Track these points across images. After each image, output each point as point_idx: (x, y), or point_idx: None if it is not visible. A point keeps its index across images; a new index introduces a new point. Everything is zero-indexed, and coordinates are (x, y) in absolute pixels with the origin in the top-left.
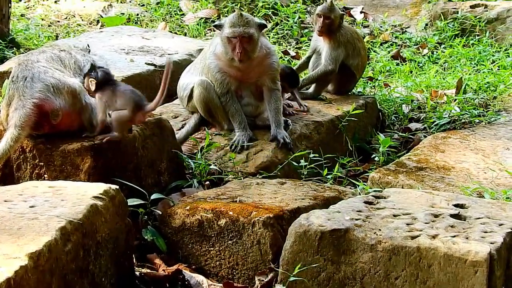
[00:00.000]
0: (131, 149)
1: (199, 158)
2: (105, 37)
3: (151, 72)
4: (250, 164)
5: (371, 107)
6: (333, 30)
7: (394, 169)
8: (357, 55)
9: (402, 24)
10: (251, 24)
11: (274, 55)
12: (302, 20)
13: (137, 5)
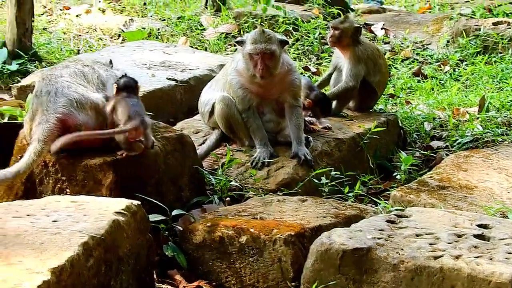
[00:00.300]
0: (153, 165)
1: (220, 174)
2: (127, 51)
3: (172, 87)
4: (271, 180)
5: (392, 125)
6: (345, 42)
7: (416, 187)
8: (378, 71)
9: (424, 41)
10: (273, 40)
11: (295, 71)
12: (323, 36)
13: (158, 20)
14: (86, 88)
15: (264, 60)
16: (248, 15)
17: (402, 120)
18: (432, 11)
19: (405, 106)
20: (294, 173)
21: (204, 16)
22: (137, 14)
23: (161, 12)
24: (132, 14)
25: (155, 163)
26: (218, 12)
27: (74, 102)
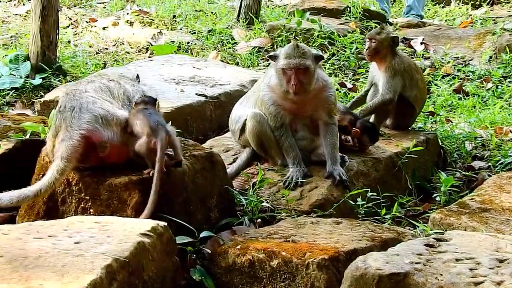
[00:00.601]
0: (180, 184)
1: (250, 194)
2: (155, 66)
3: (202, 103)
4: (304, 201)
5: (432, 144)
6: (383, 54)
7: (457, 210)
8: (415, 86)
9: (465, 56)
10: (307, 55)
11: (331, 87)
12: (360, 50)
13: (187, 33)
14: (112, 104)
15: (298, 75)
16: (282, 28)
17: (442, 139)
18: (474, 26)
19: (445, 124)
20: (329, 194)
21: (236, 29)
22: (166, 27)
23: (191, 25)
24: (161, 27)
25: (182, 182)
26: (251, 26)
27: (99, 118)
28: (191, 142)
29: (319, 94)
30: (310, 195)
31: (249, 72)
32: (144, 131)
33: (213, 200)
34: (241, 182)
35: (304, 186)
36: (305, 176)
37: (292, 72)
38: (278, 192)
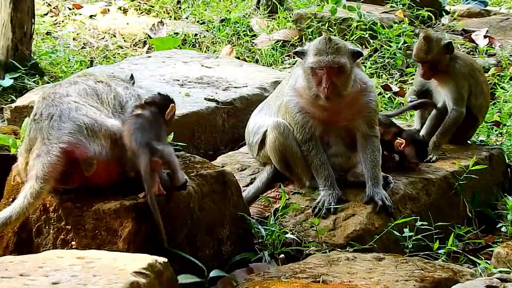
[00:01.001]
0: (185, 211)
1: (272, 223)
2: (154, 63)
3: (212, 110)
4: (338, 232)
5: (496, 161)
6: (442, 69)
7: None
8: (480, 92)
9: None
10: (342, 51)
11: (371, 91)
12: (409, 45)
13: (195, 23)
14: (100, 112)
15: (330, 76)
16: (312, 18)
17: (509, 156)
18: None
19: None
20: (369, 223)
21: (255, 18)
22: (168, 15)
23: (200, 13)
24: (161, 16)
25: (187, 209)
26: (274, 14)
27: (83, 128)
28: (198, 158)
29: (357, 99)
30: (345, 225)
31: (271, 71)
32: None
33: (225, 231)
34: (260, 208)
35: (339, 213)
36: (339, 201)
37: (324, 72)
38: (306, 221)
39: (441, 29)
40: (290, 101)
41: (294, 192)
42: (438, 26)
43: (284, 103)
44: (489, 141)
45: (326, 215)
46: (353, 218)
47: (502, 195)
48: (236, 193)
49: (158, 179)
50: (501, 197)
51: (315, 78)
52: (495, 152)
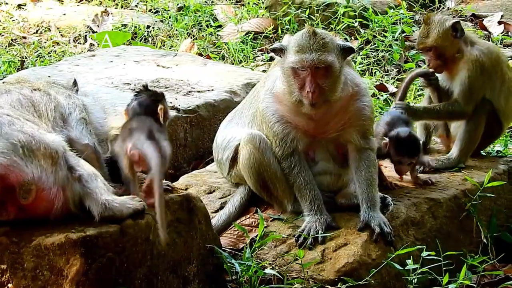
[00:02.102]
0: (143, 245)
1: (248, 257)
2: (100, 63)
3: (172, 120)
4: (327, 266)
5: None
6: (451, 57)
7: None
8: (509, 91)
9: None
10: (329, 47)
11: (365, 95)
12: (408, 35)
13: (147, 12)
14: (38, 126)
15: (315, 78)
16: (290, 3)
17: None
18: None
19: None
20: (364, 254)
21: (220, 5)
22: (113, 3)
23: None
24: (106, 3)
25: (146, 242)
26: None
27: (19, 147)
28: None
29: (348, 105)
30: (336, 257)
31: (241, 71)
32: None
33: (192, 267)
34: (233, 238)
35: (327, 243)
36: (328, 228)
37: (308, 72)
38: (288, 252)
39: (446, 14)
40: (268, 109)
41: (273, 218)
42: (443, 10)
43: (260, 111)
44: (506, 151)
45: (312, 245)
46: (345, 248)
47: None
48: (204, 221)
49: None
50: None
51: (298, 80)
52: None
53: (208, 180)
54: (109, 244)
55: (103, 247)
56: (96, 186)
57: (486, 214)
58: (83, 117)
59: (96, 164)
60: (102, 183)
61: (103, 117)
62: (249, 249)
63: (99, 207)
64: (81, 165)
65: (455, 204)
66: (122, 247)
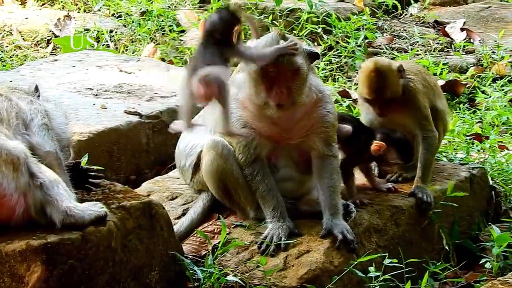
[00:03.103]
0: (105, 252)
1: (210, 263)
2: (62, 68)
3: (134, 126)
4: (290, 273)
5: (479, 183)
6: (399, 98)
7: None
8: (439, 92)
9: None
10: (298, 51)
11: (328, 101)
12: (371, 41)
13: (109, 17)
14: None
15: (283, 79)
16: (253, 9)
17: (493, 176)
18: None
19: (498, 153)
20: (327, 261)
21: (183, 10)
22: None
23: (115, 4)
24: (68, 7)
25: (108, 249)
26: (205, 5)
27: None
28: (119, 186)
29: (311, 111)
30: (298, 264)
31: None
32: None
33: (154, 274)
34: (196, 245)
35: (290, 250)
36: (291, 235)
37: (275, 74)
38: (251, 259)
39: (409, 20)
40: (231, 115)
41: (236, 224)
42: (406, 17)
43: None
44: (468, 159)
45: (275, 252)
46: (308, 255)
47: (485, 224)
48: (166, 228)
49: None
50: (485, 226)
51: (265, 82)
52: (476, 172)
53: (170, 186)
54: (71, 251)
55: (65, 254)
56: (57, 193)
57: (448, 221)
58: (45, 123)
59: (58, 171)
60: (63, 190)
61: (65, 123)
62: (211, 256)
63: (61, 214)
64: (42, 171)
65: (417, 212)
66: (84, 254)
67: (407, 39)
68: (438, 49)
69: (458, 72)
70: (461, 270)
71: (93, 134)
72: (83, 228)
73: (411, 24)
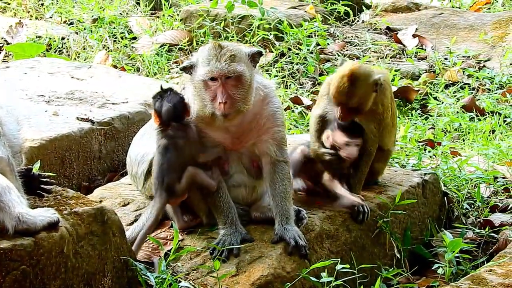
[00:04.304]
0: (57, 258)
1: (162, 270)
2: (14, 75)
3: (86, 132)
4: (242, 278)
5: (431, 189)
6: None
7: (469, 287)
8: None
9: (479, 55)
10: (238, 57)
11: (274, 96)
12: (322, 48)
13: (61, 24)
14: None
15: (226, 88)
16: (205, 16)
17: (445, 182)
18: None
19: (450, 159)
20: (279, 267)
21: (134, 17)
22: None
23: (67, 11)
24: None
25: (60, 255)
26: (157, 12)
27: None
28: (71, 192)
29: (260, 110)
30: (251, 269)
31: (156, 83)
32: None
33: (106, 280)
34: (148, 251)
35: (242, 255)
36: (243, 241)
37: (219, 83)
38: (203, 264)
39: (361, 27)
40: None
41: (188, 231)
42: (358, 24)
43: None
44: (420, 165)
45: (227, 257)
46: (260, 261)
47: (438, 229)
48: (118, 234)
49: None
50: (437, 232)
51: (209, 92)
52: (428, 178)
53: (122, 193)
54: (23, 257)
55: (17, 260)
56: (9, 199)
57: (400, 226)
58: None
59: (10, 177)
60: (15, 195)
61: (17, 129)
62: (164, 262)
63: (13, 220)
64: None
65: (369, 217)
66: (36, 259)
67: (359, 45)
68: (390, 55)
69: (410, 78)
70: (413, 275)
71: (45, 141)
72: (35, 234)
73: (363, 30)
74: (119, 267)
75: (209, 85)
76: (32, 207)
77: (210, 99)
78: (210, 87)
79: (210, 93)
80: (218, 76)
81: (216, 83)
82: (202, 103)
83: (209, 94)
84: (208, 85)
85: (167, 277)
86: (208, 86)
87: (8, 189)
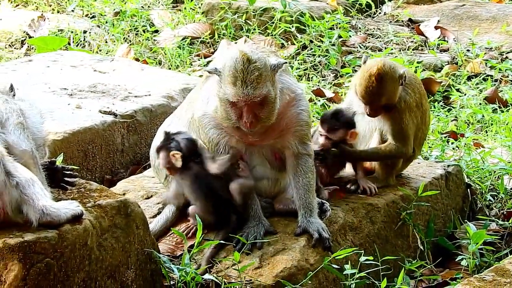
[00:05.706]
0: (81, 250)
1: (186, 262)
2: (36, 69)
3: (109, 126)
4: (265, 271)
5: (454, 181)
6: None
7: (492, 279)
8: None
9: (502, 47)
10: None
11: (301, 99)
12: (344, 40)
13: (83, 17)
14: None
15: (252, 109)
16: (226, 8)
17: (469, 174)
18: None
19: (473, 150)
20: (302, 259)
21: (156, 10)
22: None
23: (89, 5)
24: (42, 8)
25: (84, 247)
26: (179, 5)
27: None
28: (95, 185)
29: (285, 112)
30: (274, 262)
31: (178, 76)
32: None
33: (130, 272)
34: (172, 244)
35: (266, 248)
36: (266, 234)
37: (244, 105)
38: (227, 257)
39: (383, 19)
40: (204, 116)
41: None
42: (379, 16)
43: (197, 118)
44: (443, 157)
45: (250, 250)
46: (284, 253)
47: (461, 221)
48: (142, 226)
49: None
50: (460, 224)
51: (234, 110)
52: (452, 170)
53: (145, 186)
54: (47, 250)
55: (41, 253)
56: (33, 192)
57: (423, 218)
58: (20, 122)
59: (33, 170)
60: (39, 188)
61: (40, 122)
62: (188, 255)
63: (37, 213)
64: (18, 170)
65: (392, 209)
66: (60, 252)
67: (381, 37)
68: (412, 47)
69: (432, 70)
70: (437, 267)
71: (68, 134)
72: (59, 226)
73: (385, 22)
74: (142, 259)
75: (235, 104)
76: (56, 199)
77: (236, 116)
78: (235, 105)
79: (235, 111)
80: (244, 101)
81: (241, 104)
82: (227, 116)
83: (235, 112)
84: (234, 104)
85: (190, 270)
86: (233, 105)
87: (32, 182)
